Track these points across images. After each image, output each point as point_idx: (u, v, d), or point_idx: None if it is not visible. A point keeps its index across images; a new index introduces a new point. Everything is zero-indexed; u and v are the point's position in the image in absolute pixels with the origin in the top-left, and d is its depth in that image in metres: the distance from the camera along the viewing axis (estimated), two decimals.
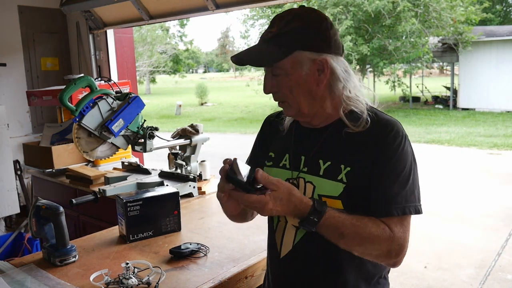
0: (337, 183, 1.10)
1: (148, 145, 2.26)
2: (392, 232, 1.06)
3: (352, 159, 1.11)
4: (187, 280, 1.39)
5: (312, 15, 1.12)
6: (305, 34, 1.10)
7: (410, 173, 1.10)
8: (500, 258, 4.07)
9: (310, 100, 1.14)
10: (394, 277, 3.74)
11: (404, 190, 1.09)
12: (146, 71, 27.64)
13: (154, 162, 3.68)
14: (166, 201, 1.81)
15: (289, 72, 1.11)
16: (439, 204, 5.73)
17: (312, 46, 1.09)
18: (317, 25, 1.11)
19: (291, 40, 1.09)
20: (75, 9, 3.56)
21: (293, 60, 1.09)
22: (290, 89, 1.12)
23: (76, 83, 2.09)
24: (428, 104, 17.84)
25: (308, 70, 1.10)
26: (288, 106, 1.16)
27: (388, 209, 1.08)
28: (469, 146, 9.63)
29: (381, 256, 1.08)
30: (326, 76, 1.11)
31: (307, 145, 1.19)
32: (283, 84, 1.12)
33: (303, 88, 1.12)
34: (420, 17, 14.37)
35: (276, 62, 1.11)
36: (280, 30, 1.11)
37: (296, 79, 1.11)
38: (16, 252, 3.31)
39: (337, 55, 1.13)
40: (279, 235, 1.23)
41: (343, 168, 1.11)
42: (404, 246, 1.08)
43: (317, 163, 1.15)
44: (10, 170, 3.32)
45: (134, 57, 4.17)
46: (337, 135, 1.14)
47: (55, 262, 1.52)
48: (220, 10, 2.83)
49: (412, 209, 1.09)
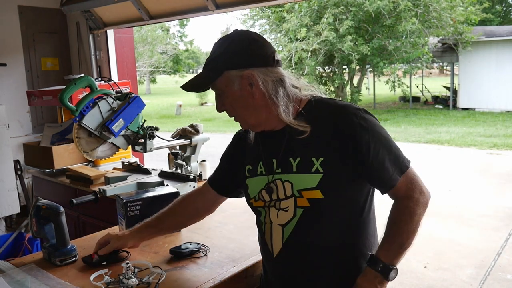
0: (313, 175, 1.18)
1: (148, 145, 2.26)
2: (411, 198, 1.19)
3: (321, 150, 1.19)
4: (187, 280, 1.40)
5: (236, 37, 1.25)
6: (230, 55, 1.22)
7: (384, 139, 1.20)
8: (500, 258, 4.07)
9: (252, 112, 1.24)
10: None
11: (391, 156, 1.19)
12: (146, 71, 27.63)
13: (154, 162, 3.69)
14: (166, 201, 1.80)
15: (225, 91, 1.24)
16: (439, 204, 5.73)
17: (237, 64, 1.21)
18: (241, 44, 1.23)
19: (219, 63, 1.23)
20: (75, 9, 3.56)
21: (225, 79, 1.22)
22: (232, 105, 1.26)
23: (76, 83, 2.09)
24: (428, 104, 17.84)
25: (240, 86, 1.21)
26: (238, 121, 1.30)
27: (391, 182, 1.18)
28: (469, 146, 9.62)
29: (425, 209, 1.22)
30: (258, 88, 1.21)
31: (274, 148, 1.27)
32: (226, 103, 1.26)
33: (241, 103, 1.24)
34: (420, 17, 14.36)
35: (208, 84, 1.26)
36: (212, 55, 1.26)
37: (232, 96, 1.23)
38: (17, 252, 3.31)
39: (266, 67, 1.21)
40: (268, 236, 1.29)
41: (315, 160, 1.18)
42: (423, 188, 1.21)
43: (288, 162, 1.22)
44: (10, 170, 3.33)
45: (134, 57, 4.17)
46: (298, 132, 1.22)
47: (56, 262, 1.52)
48: (220, 10, 2.83)
49: (405, 166, 1.20)
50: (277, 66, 1.23)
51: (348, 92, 16.41)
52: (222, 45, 1.25)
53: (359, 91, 16.05)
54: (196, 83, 1.29)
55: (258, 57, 1.21)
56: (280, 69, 1.24)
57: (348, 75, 16.10)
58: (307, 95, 1.27)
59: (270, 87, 1.21)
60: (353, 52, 14.16)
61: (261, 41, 1.24)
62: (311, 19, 14.65)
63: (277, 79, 1.22)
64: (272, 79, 1.21)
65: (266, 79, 1.20)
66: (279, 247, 1.25)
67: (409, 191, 1.19)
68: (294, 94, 1.24)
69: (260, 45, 1.23)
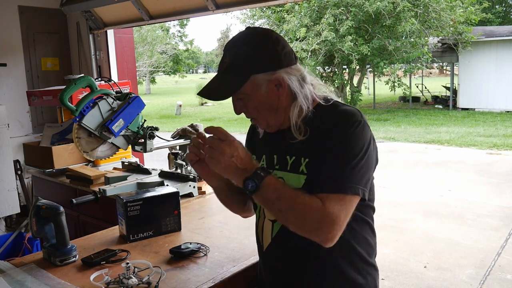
0: (299, 176, 1.18)
1: (148, 145, 2.26)
2: (323, 205, 1.07)
3: (311, 151, 1.18)
4: (187, 280, 1.40)
5: (257, 37, 1.20)
6: (255, 58, 1.18)
7: (358, 156, 1.11)
8: (499, 258, 4.07)
9: (275, 113, 1.22)
10: (394, 277, 3.76)
11: (346, 170, 1.10)
12: (146, 71, 27.63)
13: (154, 162, 3.69)
14: (166, 201, 1.81)
15: (251, 95, 1.19)
16: (439, 204, 5.73)
17: (264, 67, 1.17)
18: (264, 46, 1.18)
19: (244, 68, 1.17)
20: (75, 9, 3.56)
21: (251, 84, 1.18)
22: (256, 108, 1.22)
23: (76, 83, 2.10)
24: (428, 104, 17.85)
25: (267, 89, 1.18)
26: (258, 122, 1.26)
27: (324, 186, 1.10)
28: (468, 146, 9.63)
29: (313, 229, 1.08)
30: (285, 89, 1.19)
31: (277, 144, 1.27)
32: (249, 105, 1.22)
33: (266, 105, 1.20)
34: (420, 18, 14.36)
35: (235, 92, 1.19)
36: (232, 59, 1.19)
37: (258, 99, 1.20)
38: (17, 252, 3.31)
39: (289, 66, 1.20)
40: (260, 230, 1.34)
41: (302, 161, 1.19)
42: (336, 223, 1.06)
43: (285, 159, 1.24)
44: (10, 170, 3.33)
45: (134, 57, 4.17)
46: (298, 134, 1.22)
47: (56, 262, 1.52)
48: (220, 10, 2.83)
49: (351, 190, 1.09)
50: (297, 63, 1.22)
51: (348, 92, 16.41)
52: (242, 46, 1.19)
53: (359, 91, 16.05)
54: (219, 89, 1.20)
55: (283, 57, 1.19)
56: (300, 66, 1.23)
57: (348, 75, 16.10)
58: (320, 96, 1.25)
59: (295, 87, 1.19)
60: (353, 52, 14.17)
61: (282, 40, 1.21)
62: (311, 19, 14.65)
63: (300, 77, 1.20)
64: (297, 78, 1.20)
65: (292, 79, 1.19)
66: (269, 242, 1.29)
67: (327, 203, 1.07)
68: (311, 92, 1.23)
69: (282, 44, 1.20)
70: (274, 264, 1.31)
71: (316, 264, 1.23)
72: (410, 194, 6.18)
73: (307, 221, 1.08)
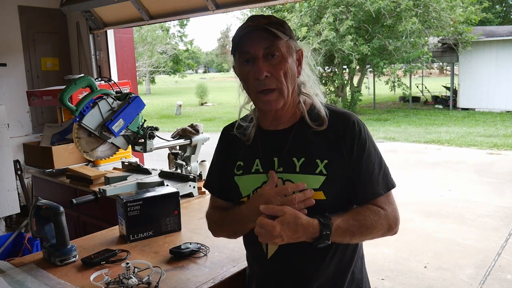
0: (317, 176, 1.18)
1: (148, 145, 2.26)
2: (385, 211, 1.20)
3: (326, 153, 1.20)
4: (187, 280, 1.40)
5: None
6: (288, 28, 1.23)
7: (379, 154, 1.24)
8: (500, 258, 4.07)
9: (291, 88, 1.23)
10: (394, 277, 3.76)
11: (381, 170, 1.22)
12: (146, 71, 27.61)
13: (154, 162, 3.69)
14: (166, 201, 1.81)
15: (284, 56, 1.20)
16: (439, 204, 5.73)
17: (294, 39, 1.24)
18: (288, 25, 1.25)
19: (287, 28, 1.22)
20: (75, 9, 3.56)
21: (287, 45, 1.21)
22: (285, 72, 1.20)
23: (76, 83, 2.09)
24: (428, 104, 17.84)
25: (294, 59, 1.23)
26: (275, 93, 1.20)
27: (375, 191, 1.20)
28: (469, 146, 9.62)
29: (385, 233, 1.21)
30: (301, 68, 1.26)
31: (276, 146, 1.25)
32: (279, 67, 1.19)
33: (291, 74, 1.22)
34: (420, 17, 14.36)
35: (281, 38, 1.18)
36: (271, 21, 1.20)
37: (289, 64, 1.21)
38: (17, 252, 3.31)
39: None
40: None
41: (319, 162, 1.19)
42: (398, 218, 1.22)
43: (292, 161, 1.21)
44: (10, 170, 3.33)
45: (134, 57, 4.17)
46: (304, 133, 1.23)
47: (56, 262, 1.52)
48: (220, 10, 2.83)
49: (391, 185, 1.23)
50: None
51: (348, 92, 16.41)
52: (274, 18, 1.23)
53: (359, 91, 16.05)
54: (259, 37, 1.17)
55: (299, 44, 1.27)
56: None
57: (348, 75, 16.10)
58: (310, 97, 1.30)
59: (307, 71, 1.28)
60: (353, 52, 14.16)
61: None
62: (311, 19, 14.65)
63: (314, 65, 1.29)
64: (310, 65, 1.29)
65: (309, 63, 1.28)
66: (275, 248, 1.22)
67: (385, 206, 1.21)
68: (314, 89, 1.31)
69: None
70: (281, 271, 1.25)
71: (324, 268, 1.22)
72: (410, 194, 6.18)
73: (381, 231, 1.19)
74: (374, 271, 3.71)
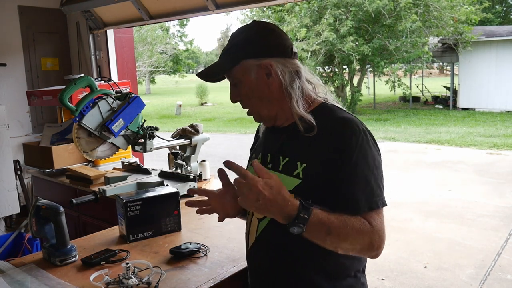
0: (292, 178, 1.17)
1: (148, 145, 2.26)
2: (371, 226, 1.09)
3: (309, 156, 1.17)
4: (187, 280, 1.40)
5: (255, 27, 1.25)
6: (248, 44, 1.22)
7: (373, 167, 1.14)
8: (500, 258, 4.07)
9: (266, 104, 1.23)
10: (394, 277, 3.76)
11: (367, 186, 1.12)
12: (146, 71, 27.61)
13: (154, 162, 3.68)
14: (166, 201, 1.81)
15: (242, 80, 1.23)
16: (439, 204, 5.73)
17: (255, 53, 1.20)
18: (260, 34, 1.23)
19: (237, 51, 1.22)
20: (75, 9, 3.56)
21: (242, 68, 1.22)
22: (247, 95, 1.24)
23: (76, 83, 2.10)
24: (428, 104, 17.84)
25: (257, 75, 1.21)
26: (251, 113, 1.27)
27: (364, 205, 1.10)
28: (469, 146, 9.62)
29: (364, 250, 1.11)
30: (275, 79, 1.20)
31: (272, 143, 1.28)
32: (242, 92, 1.25)
33: (257, 93, 1.22)
34: (420, 17, 14.36)
35: (225, 72, 1.25)
36: (229, 44, 1.25)
37: (249, 85, 1.22)
38: (16, 252, 3.31)
39: (284, 58, 1.21)
40: (247, 228, 1.33)
41: (299, 165, 1.17)
42: (384, 238, 1.11)
43: (278, 160, 1.23)
44: (10, 170, 3.33)
45: (134, 57, 4.17)
46: (297, 134, 1.21)
47: (55, 262, 1.52)
48: (220, 10, 2.83)
49: (381, 202, 1.13)
50: (294, 58, 1.23)
51: (348, 92, 16.41)
52: (240, 34, 1.25)
53: (359, 91, 16.05)
54: (212, 72, 1.27)
55: (277, 47, 1.21)
56: (297, 61, 1.24)
57: (348, 75, 16.10)
58: (320, 98, 1.25)
59: (287, 78, 1.20)
60: (354, 52, 14.16)
61: (280, 32, 1.25)
62: (311, 19, 14.65)
63: (294, 71, 1.21)
64: (290, 70, 1.20)
65: (284, 70, 1.20)
66: (253, 240, 1.28)
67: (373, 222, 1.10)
68: (307, 90, 1.23)
69: (278, 35, 1.23)
70: (256, 263, 1.30)
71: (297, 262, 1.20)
72: (410, 194, 6.18)
73: (360, 244, 1.09)
74: (374, 271, 3.72)
